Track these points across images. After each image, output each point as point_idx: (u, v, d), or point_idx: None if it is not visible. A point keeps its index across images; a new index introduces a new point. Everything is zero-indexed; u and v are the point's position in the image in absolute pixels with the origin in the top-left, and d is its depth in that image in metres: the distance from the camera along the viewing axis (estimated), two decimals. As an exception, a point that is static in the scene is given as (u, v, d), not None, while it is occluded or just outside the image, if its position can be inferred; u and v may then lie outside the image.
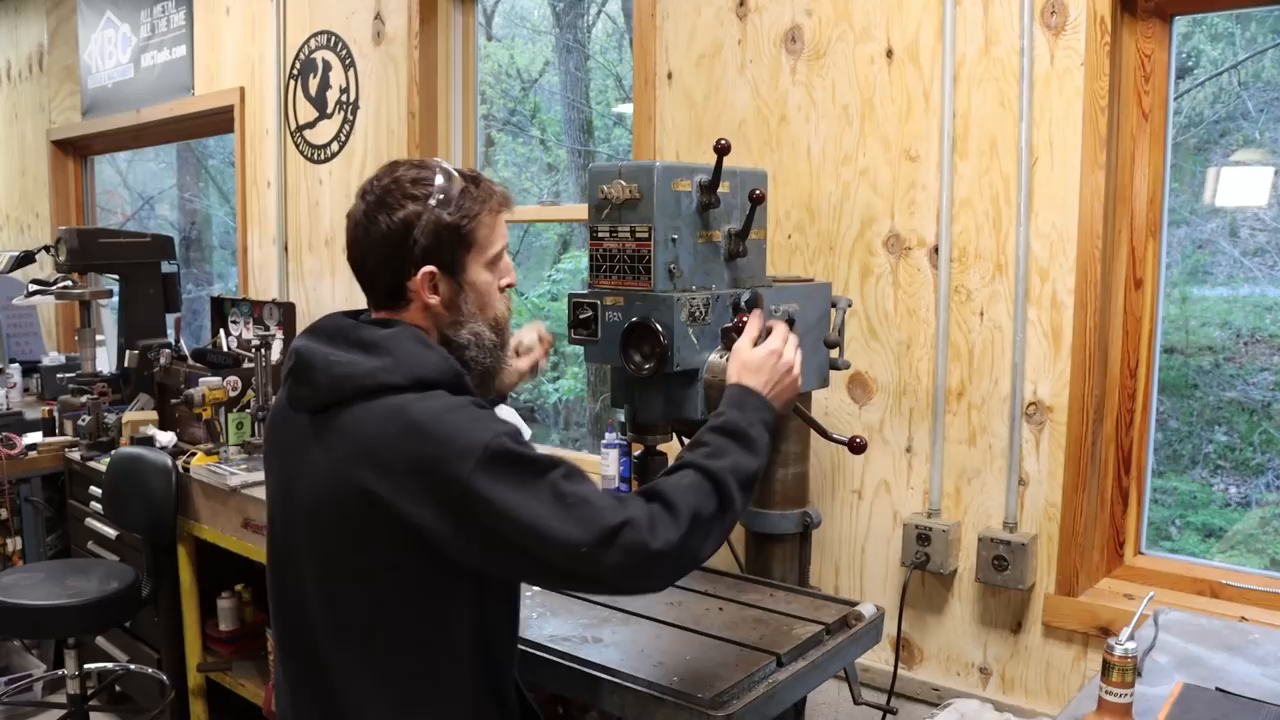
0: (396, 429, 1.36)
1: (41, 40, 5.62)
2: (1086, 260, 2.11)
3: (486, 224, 1.51)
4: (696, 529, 1.35)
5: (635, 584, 1.38)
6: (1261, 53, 2.33)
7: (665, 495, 1.36)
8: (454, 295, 1.50)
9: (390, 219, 1.45)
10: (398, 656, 1.44)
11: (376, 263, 1.48)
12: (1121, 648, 1.42)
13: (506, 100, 5.21)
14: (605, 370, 1.94)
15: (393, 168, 1.51)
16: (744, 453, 1.46)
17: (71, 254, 3.93)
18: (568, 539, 1.29)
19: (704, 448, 1.45)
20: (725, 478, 1.40)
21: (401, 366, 1.41)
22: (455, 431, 1.34)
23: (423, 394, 1.39)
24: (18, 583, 2.94)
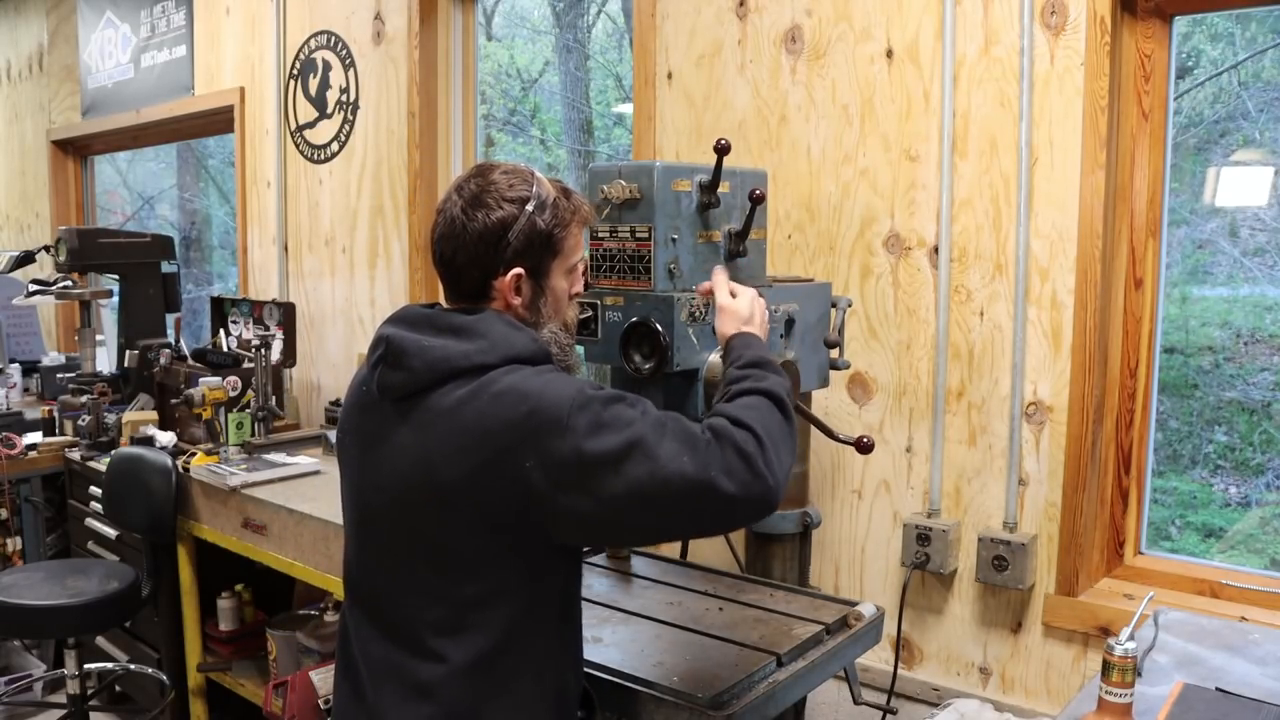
0: (491, 397, 1.40)
1: (41, 40, 5.62)
2: (1086, 260, 2.11)
3: (574, 235, 1.56)
4: (776, 437, 1.40)
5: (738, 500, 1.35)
6: (1261, 53, 2.33)
7: (739, 416, 1.39)
8: (534, 298, 1.54)
9: (488, 218, 1.48)
10: (487, 639, 1.45)
11: (468, 259, 1.50)
12: (1121, 648, 1.42)
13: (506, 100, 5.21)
14: (605, 370, 1.93)
15: (488, 169, 1.54)
16: (777, 375, 1.51)
17: (71, 254, 3.93)
18: (666, 460, 1.32)
19: (743, 381, 1.49)
20: (777, 391, 1.46)
21: (496, 348, 1.45)
22: (546, 386, 1.39)
23: (512, 369, 1.44)
24: (18, 583, 2.94)
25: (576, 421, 1.34)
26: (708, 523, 1.40)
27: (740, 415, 1.40)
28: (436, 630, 1.46)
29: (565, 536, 1.41)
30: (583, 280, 1.64)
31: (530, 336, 1.50)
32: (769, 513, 1.40)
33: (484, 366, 1.43)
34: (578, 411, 1.35)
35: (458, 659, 1.44)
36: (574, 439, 1.34)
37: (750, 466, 1.33)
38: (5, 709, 3.63)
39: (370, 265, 3.76)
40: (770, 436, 1.38)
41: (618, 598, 1.96)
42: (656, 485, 1.32)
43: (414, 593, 1.48)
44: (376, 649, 1.52)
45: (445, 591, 1.45)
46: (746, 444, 1.35)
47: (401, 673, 1.48)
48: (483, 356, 1.44)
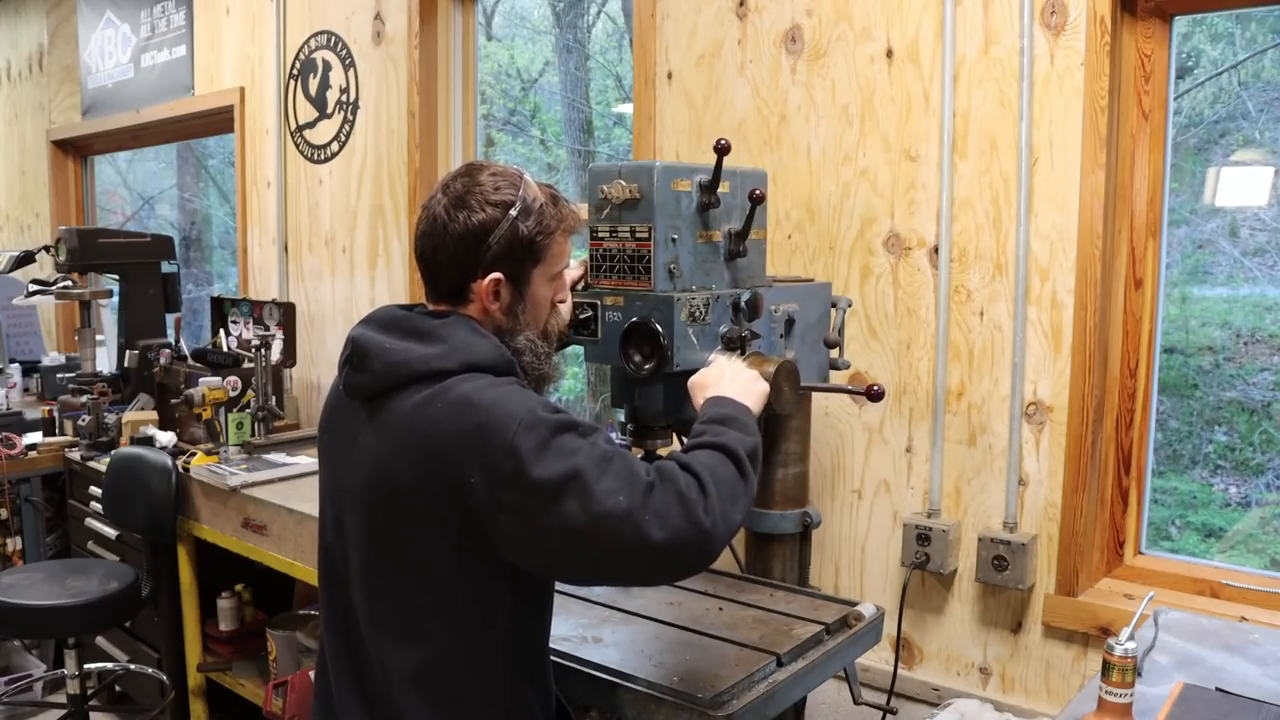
0: (445, 405, 1.39)
1: (41, 40, 5.62)
2: (1086, 260, 2.11)
3: (558, 242, 1.55)
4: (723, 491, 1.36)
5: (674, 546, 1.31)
6: (1261, 53, 2.33)
7: (690, 461, 1.37)
8: (513, 303, 1.53)
9: (469, 220, 1.47)
10: (435, 645, 1.45)
11: (447, 259, 1.50)
12: (1121, 648, 1.42)
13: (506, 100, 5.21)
14: (605, 370, 1.94)
15: (476, 169, 1.53)
16: (739, 432, 1.47)
17: (71, 254, 3.93)
18: (602, 495, 1.29)
19: (700, 436, 1.47)
20: (735, 449, 1.42)
21: (455, 353, 1.44)
22: (499, 400, 1.37)
23: (469, 375, 1.43)
24: (18, 583, 2.94)
25: (521, 442, 1.32)
26: (639, 567, 1.35)
27: (689, 461, 1.37)
28: (387, 633, 1.47)
29: (509, 557, 1.39)
30: (567, 288, 1.63)
31: (494, 344, 1.48)
32: (704, 564, 1.36)
33: (443, 372, 1.43)
34: (525, 432, 1.33)
35: (402, 665, 1.46)
36: (516, 460, 1.32)
37: (687, 512, 1.30)
38: (5, 709, 3.63)
39: (370, 265, 3.76)
40: (718, 486, 1.34)
41: (618, 598, 1.96)
42: (589, 522, 1.29)
43: (370, 594, 1.49)
44: (338, 648, 1.54)
45: (397, 595, 1.46)
46: (689, 490, 1.31)
47: (356, 674, 1.51)
48: (441, 362, 1.43)
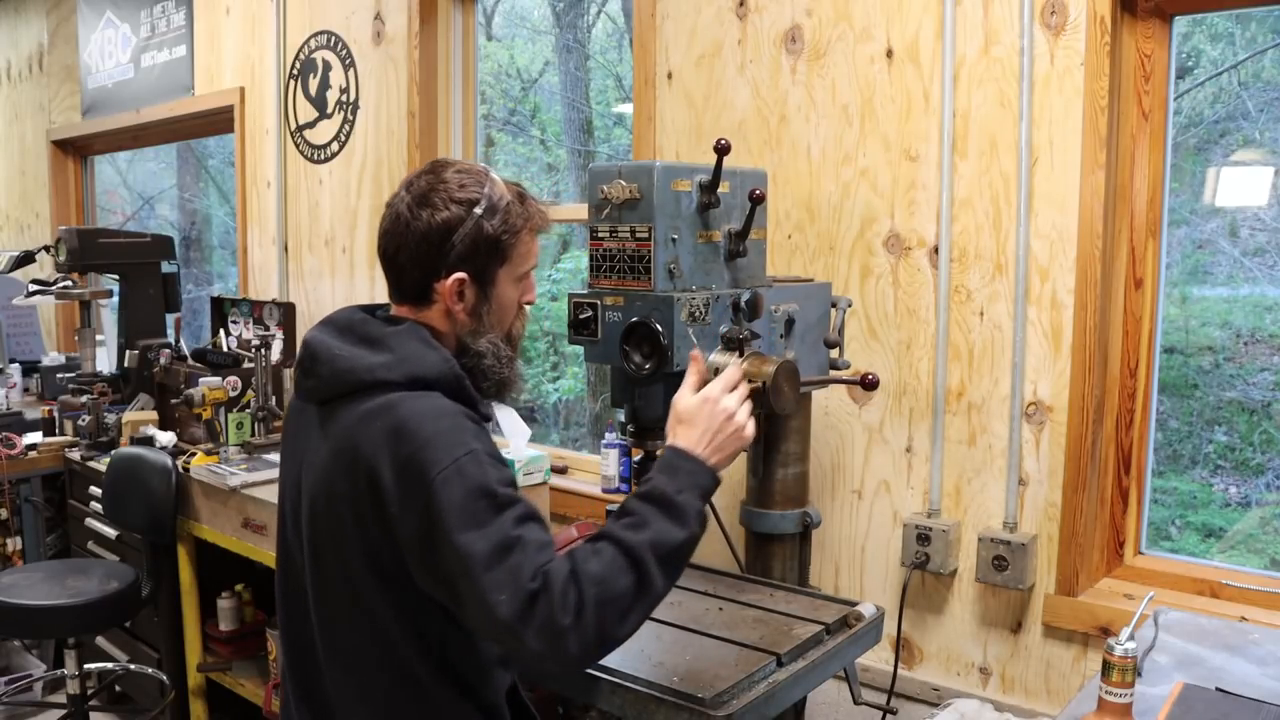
0: (383, 425, 1.36)
1: (41, 40, 5.62)
2: (1086, 260, 2.11)
3: (525, 241, 1.52)
4: (609, 609, 1.29)
5: (541, 657, 1.29)
6: (1261, 53, 2.33)
7: (581, 571, 1.29)
8: (478, 304, 1.50)
9: (432, 218, 1.45)
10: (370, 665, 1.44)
11: (409, 259, 1.48)
12: (1121, 648, 1.42)
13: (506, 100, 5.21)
14: (605, 370, 1.94)
15: (441, 166, 1.51)
16: (669, 523, 1.36)
17: (71, 254, 3.93)
18: (487, 587, 1.26)
19: (628, 515, 1.38)
20: (642, 552, 1.32)
21: (403, 364, 1.42)
22: (434, 436, 1.34)
23: (417, 394, 1.40)
24: (18, 583, 2.94)
25: (440, 491, 1.30)
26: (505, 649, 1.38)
27: (584, 575, 1.29)
28: (331, 641, 1.47)
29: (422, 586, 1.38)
30: (535, 289, 1.60)
31: (443, 358, 1.45)
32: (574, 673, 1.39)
33: (387, 383, 1.40)
34: (445, 483, 1.30)
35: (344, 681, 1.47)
36: (430, 510, 1.30)
37: (554, 641, 1.26)
38: (5, 709, 3.63)
39: (370, 265, 3.76)
40: (599, 608, 1.27)
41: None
42: (470, 601, 1.29)
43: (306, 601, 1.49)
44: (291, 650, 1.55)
45: (335, 605, 1.46)
46: (562, 615, 1.25)
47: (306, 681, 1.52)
48: (386, 372, 1.41)
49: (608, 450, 2.95)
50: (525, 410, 4.78)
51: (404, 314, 1.53)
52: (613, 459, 2.93)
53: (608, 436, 2.96)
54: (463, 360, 1.51)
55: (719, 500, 2.51)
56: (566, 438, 5.25)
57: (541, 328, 5.41)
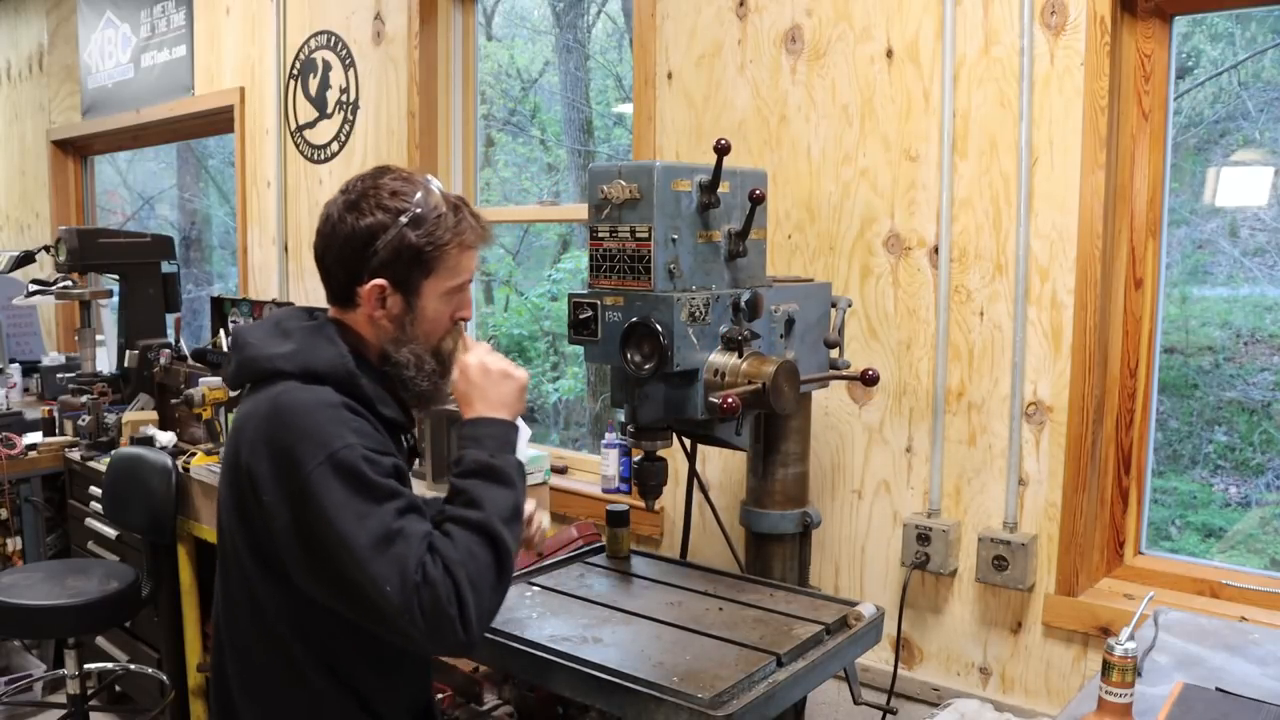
0: (266, 412, 1.41)
1: (41, 40, 5.62)
2: (1086, 260, 2.11)
3: (453, 255, 1.51)
4: (483, 585, 1.35)
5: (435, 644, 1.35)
6: (1261, 53, 2.33)
7: (449, 560, 1.34)
8: (401, 313, 1.51)
9: (357, 223, 1.46)
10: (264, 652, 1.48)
11: (335, 261, 1.50)
12: (1121, 648, 1.42)
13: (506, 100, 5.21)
14: (605, 370, 1.94)
15: (380, 172, 1.52)
16: (498, 488, 1.43)
17: (71, 254, 3.93)
18: (375, 574, 1.29)
19: (460, 495, 1.43)
20: (490, 525, 1.39)
21: (297, 355, 1.46)
22: (313, 427, 1.37)
23: (304, 386, 1.43)
24: (18, 583, 2.94)
25: (315, 482, 1.32)
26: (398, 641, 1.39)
27: (453, 561, 1.33)
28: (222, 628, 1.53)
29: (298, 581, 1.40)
30: (470, 305, 1.59)
31: (338, 353, 1.47)
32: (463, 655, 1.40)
33: (281, 373, 1.44)
34: (321, 474, 1.33)
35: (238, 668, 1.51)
36: (303, 500, 1.33)
37: (443, 627, 1.30)
38: (5, 709, 3.62)
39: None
40: (477, 589, 1.33)
41: (618, 598, 1.96)
42: (360, 594, 1.31)
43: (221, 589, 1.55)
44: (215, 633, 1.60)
45: (226, 595, 1.51)
46: (449, 605, 1.31)
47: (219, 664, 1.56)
48: (283, 363, 1.45)
49: (608, 450, 2.95)
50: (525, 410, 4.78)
51: (335, 314, 1.56)
52: (613, 459, 2.93)
53: (608, 436, 2.96)
54: (385, 367, 1.53)
55: (719, 500, 2.51)
56: (566, 438, 5.25)
57: (541, 328, 5.42)
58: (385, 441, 1.45)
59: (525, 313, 5.52)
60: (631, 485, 2.51)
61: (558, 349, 5.35)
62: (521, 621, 1.80)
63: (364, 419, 1.43)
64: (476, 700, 1.93)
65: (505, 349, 5.35)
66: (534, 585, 2.00)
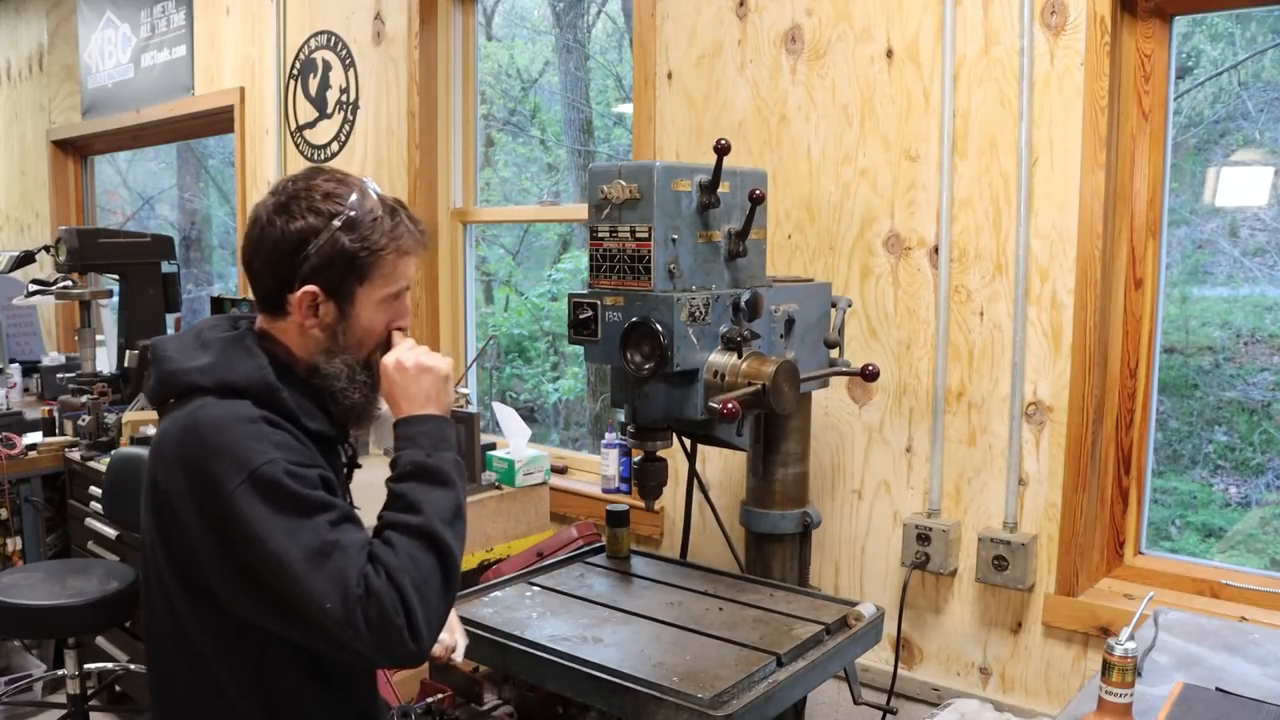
0: (180, 430, 1.34)
1: (41, 40, 5.62)
2: (1086, 260, 2.11)
3: (389, 261, 1.44)
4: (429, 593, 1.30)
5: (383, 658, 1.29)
6: (1261, 53, 2.33)
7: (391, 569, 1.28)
8: (334, 322, 1.44)
9: (288, 226, 1.39)
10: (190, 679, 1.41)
11: (263, 265, 1.43)
12: (1121, 648, 1.42)
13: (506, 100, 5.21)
14: (605, 370, 1.94)
15: (313, 173, 1.45)
16: (436, 489, 1.38)
17: (71, 254, 3.93)
18: (314, 591, 1.24)
19: (398, 500, 1.38)
20: (433, 529, 1.34)
21: (215, 369, 1.38)
22: (231, 444, 1.30)
23: (221, 401, 1.35)
24: (18, 583, 2.94)
25: (239, 502, 1.26)
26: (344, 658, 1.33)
27: (396, 569, 1.28)
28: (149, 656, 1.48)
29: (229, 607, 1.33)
30: (409, 314, 1.52)
31: (257, 365, 1.40)
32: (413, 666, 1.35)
33: (197, 388, 1.37)
34: (245, 492, 1.26)
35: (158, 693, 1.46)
36: (228, 523, 1.26)
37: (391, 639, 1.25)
38: (5, 709, 3.62)
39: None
40: (424, 596, 1.28)
41: (618, 598, 1.96)
42: (299, 613, 1.26)
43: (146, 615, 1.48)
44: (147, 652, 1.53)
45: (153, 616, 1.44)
46: (395, 616, 1.25)
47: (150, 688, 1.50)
48: (200, 377, 1.38)
49: (608, 450, 2.95)
50: (525, 410, 4.78)
51: (263, 324, 1.48)
52: (613, 459, 2.93)
53: (608, 436, 2.96)
54: (314, 379, 1.45)
55: (719, 500, 2.51)
56: (566, 438, 5.25)
57: (541, 328, 5.42)
58: (311, 454, 1.38)
59: (525, 313, 5.52)
60: (631, 485, 2.51)
61: (558, 349, 5.35)
62: (521, 621, 1.80)
63: (287, 432, 1.36)
64: (476, 700, 1.93)
65: (505, 349, 5.35)
66: (534, 585, 2.00)
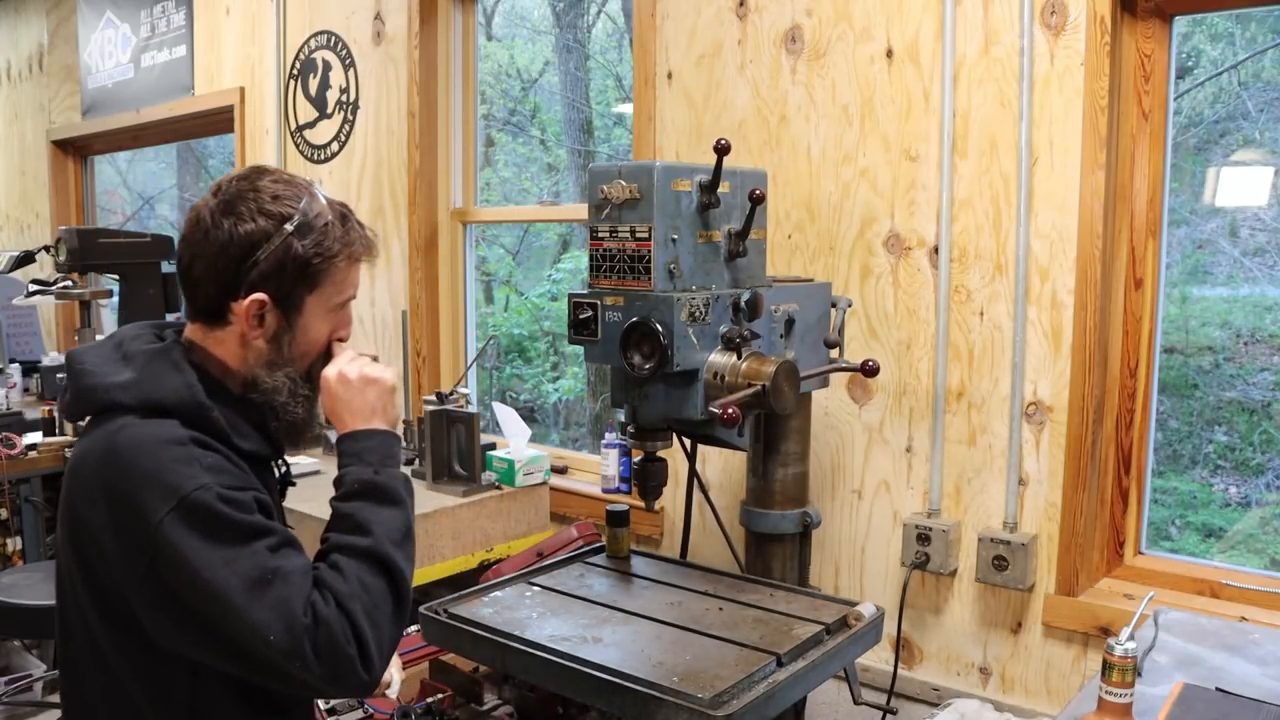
0: (101, 454, 1.25)
1: (41, 40, 5.62)
2: (1086, 260, 2.11)
3: (340, 269, 1.38)
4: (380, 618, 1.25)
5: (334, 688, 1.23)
6: (1261, 53, 2.33)
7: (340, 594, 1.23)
8: (279, 332, 1.36)
9: (235, 230, 1.30)
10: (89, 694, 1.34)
11: (205, 270, 1.33)
12: (1121, 648, 1.42)
13: (506, 100, 5.21)
14: (605, 370, 1.93)
15: (258, 173, 1.37)
16: (386, 508, 1.32)
17: (71, 254, 3.92)
18: (256, 622, 1.17)
19: (345, 520, 1.32)
20: (382, 551, 1.28)
21: (139, 386, 1.29)
22: (158, 469, 1.22)
23: (146, 421, 1.27)
24: (18, 583, 2.94)
25: (167, 533, 1.18)
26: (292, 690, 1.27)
27: (345, 595, 1.22)
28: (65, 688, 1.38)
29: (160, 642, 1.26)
30: (350, 324, 1.46)
31: (185, 383, 1.30)
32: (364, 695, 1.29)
33: (120, 406, 1.28)
34: (175, 521, 1.18)
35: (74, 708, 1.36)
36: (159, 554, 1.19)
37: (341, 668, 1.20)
38: (5, 709, 3.62)
39: (370, 265, 3.76)
40: (375, 623, 1.23)
41: (618, 598, 1.96)
42: (235, 650, 1.19)
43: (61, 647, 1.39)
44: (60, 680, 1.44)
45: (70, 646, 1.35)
46: (347, 644, 1.20)
47: None
48: (120, 394, 1.28)
49: (608, 450, 2.95)
50: (525, 410, 4.78)
51: (194, 334, 1.39)
52: (613, 459, 2.93)
53: (608, 436, 2.96)
54: (252, 394, 1.38)
55: (719, 500, 2.51)
56: (566, 438, 5.25)
57: (541, 328, 5.42)
58: (246, 476, 1.30)
59: (525, 313, 5.52)
60: (631, 485, 2.51)
61: (558, 349, 5.35)
62: (521, 621, 1.80)
63: (218, 453, 1.28)
64: (476, 700, 1.93)
65: (505, 349, 5.35)
66: (534, 585, 2.00)
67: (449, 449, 2.93)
